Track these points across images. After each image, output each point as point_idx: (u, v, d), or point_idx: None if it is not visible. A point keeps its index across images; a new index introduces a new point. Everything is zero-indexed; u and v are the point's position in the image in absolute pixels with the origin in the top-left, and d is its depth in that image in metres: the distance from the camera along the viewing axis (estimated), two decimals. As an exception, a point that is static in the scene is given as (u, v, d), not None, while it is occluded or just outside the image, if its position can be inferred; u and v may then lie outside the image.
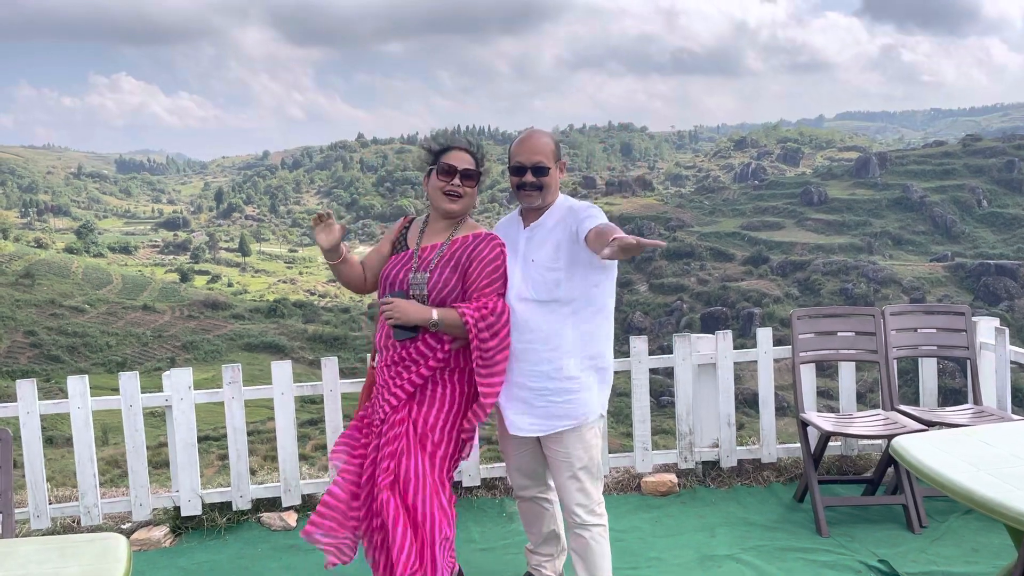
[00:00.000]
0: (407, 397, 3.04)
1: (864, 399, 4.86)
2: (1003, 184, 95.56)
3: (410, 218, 3.33)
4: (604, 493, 4.53)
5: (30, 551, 2.31)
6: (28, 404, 4.12)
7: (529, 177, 3.06)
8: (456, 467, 3.20)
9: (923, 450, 2.76)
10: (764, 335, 4.70)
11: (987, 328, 4.65)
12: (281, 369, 4.32)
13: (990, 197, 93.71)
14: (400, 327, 2.99)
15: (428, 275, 3.04)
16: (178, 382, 4.23)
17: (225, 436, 4.35)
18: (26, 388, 4.14)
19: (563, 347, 3.05)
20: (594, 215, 3.00)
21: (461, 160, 3.11)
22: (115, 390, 4.33)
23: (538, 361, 3.06)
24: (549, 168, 3.07)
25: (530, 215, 3.16)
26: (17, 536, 3.51)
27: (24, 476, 4.16)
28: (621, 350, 3.88)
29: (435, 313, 2.97)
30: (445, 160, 3.10)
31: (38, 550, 2.32)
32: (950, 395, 4.91)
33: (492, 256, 3.09)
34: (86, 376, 4.27)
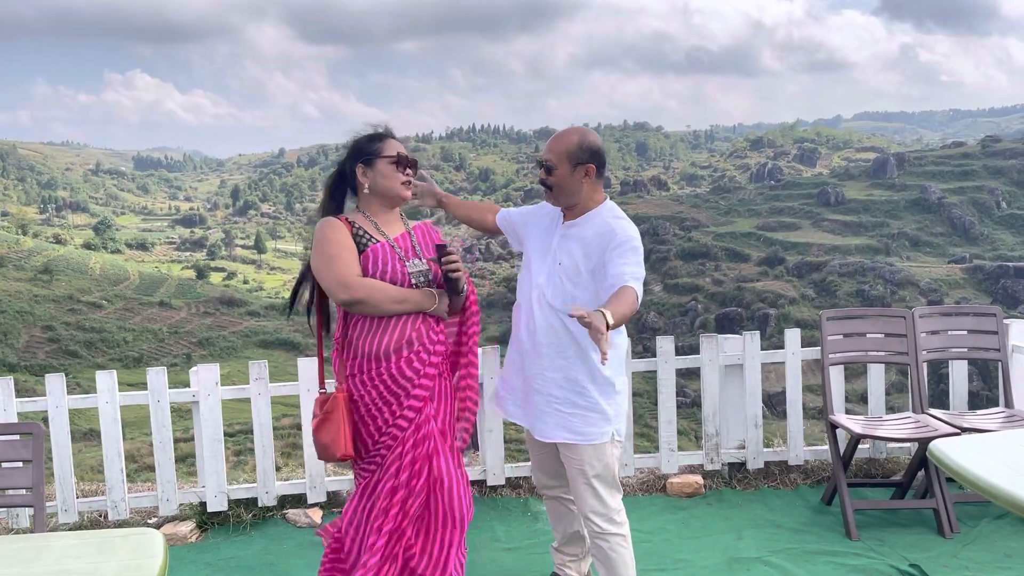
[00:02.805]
0: (427, 397, 2.93)
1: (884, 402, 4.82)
2: (1023, 186, 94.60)
3: (346, 218, 2.97)
4: (630, 494, 4.51)
5: (66, 545, 2.31)
6: (57, 399, 4.14)
7: (542, 174, 3.05)
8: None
9: (962, 454, 2.71)
10: (792, 336, 4.65)
11: (1019, 331, 4.58)
12: (307, 366, 4.32)
13: (1009, 199, 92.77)
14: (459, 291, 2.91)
15: (422, 262, 2.94)
16: (205, 378, 4.24)
17: (238, 432, 4.40)
18: (55, 383, 4.16)
19: (574, 359, 3.02)
20: (625, 254, 2.91)
21: (403, 148, 3.01)
22: (131, 385, 4.34)
23: (549, 367, 3.04)
24: (554, 168, 3.01)
25: (567, 212, 3.12)
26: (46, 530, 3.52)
27: (52, 470, 4.19)
28: (645, 347, 3.85)
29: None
30: (397, 151, 2.96)
31: (74, 544, 2.32)
32: (969, 399, 4.85)
33: (435, 234, 3.10)
34: (114, 371, 4.29)
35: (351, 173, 2.98)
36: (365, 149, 2.96)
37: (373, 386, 2.86)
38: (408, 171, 2.99)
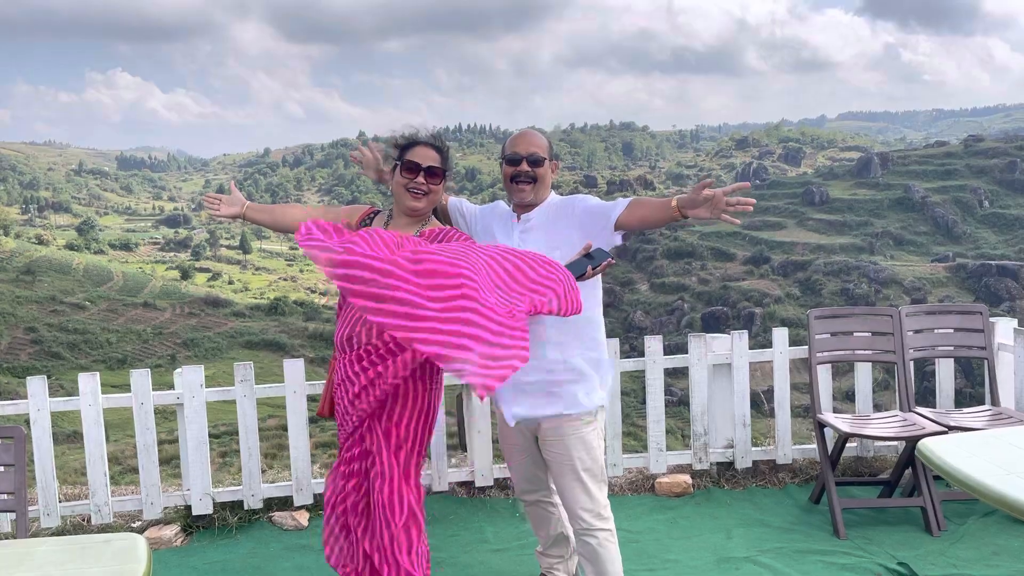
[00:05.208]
0: (381, 402, 2.91)
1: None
2: (1005, 185, 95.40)
3: (374, 209, 3.19)
4: (618, 494, 4.50)
5: (48, 551, 2.27)
6: (39, 401, 4.08)
7: (524, 167, 3.03)
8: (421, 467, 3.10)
9: (951, 453, 2.71)
10: (780, 335, 4.66)
11: (1005, 329, 4.60)
12: (293, 367, 4.28)
13: (992, 198, 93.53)
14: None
15: None
16: (190, 380, 4.20)
17: (223, 434, 4.36)
18: (37, 385, 4.10)
19: (553, 341, 3.01)
20: (596, 200, 3.04)
21: (426, 157, 2.99)
22: (115, 387, 4.29)
23: (534, 355, 2.99)
24: (545, 159, 3.05)
25: (521, 209, 3.13)
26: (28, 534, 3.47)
27: (34, 474, 4.13)
28: (632, 346, 3.85)
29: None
30: (409, 156, 2.99)
31: (56, 550, 2.28)
32: (954, 397, 4.86)
33: (464, 238, 3.01)
34: (97, 374, 4.23)
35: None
36: (395, 155, 3.06)
37: (337, 372, 3.04)
38: (416, 177, 2.97)
